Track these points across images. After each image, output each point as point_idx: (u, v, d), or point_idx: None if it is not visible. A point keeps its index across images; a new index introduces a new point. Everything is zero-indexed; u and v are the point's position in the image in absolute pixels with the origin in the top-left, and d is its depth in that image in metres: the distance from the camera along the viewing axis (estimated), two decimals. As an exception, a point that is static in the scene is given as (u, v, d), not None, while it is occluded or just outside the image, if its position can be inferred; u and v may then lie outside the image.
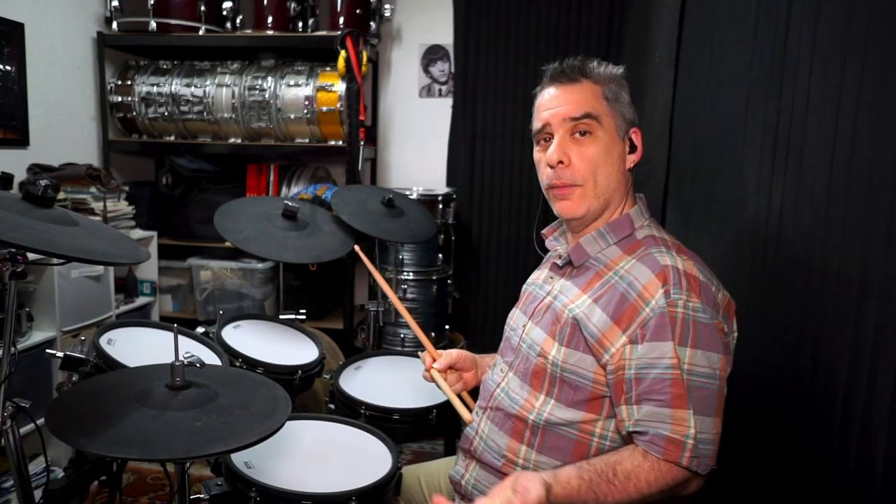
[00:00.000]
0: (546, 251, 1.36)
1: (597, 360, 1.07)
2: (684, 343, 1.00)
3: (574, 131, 1.15)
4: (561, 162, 1.14)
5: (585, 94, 1.15)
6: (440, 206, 3.06)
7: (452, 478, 1.27)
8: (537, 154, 1.21)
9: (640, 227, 1.17)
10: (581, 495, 0.98)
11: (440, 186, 3.45)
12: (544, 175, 1.19)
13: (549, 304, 1.20)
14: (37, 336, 2.30)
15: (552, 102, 1.17)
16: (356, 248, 1.69)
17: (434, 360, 1.37)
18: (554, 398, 1.12)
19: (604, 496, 0.98)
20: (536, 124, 1.20)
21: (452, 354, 1.38)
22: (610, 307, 1.07)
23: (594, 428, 1.10)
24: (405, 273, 2.96)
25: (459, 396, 1.36)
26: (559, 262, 1.23)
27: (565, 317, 1.13)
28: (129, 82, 3.15)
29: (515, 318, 1.30)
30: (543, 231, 1.35)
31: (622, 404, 1.04)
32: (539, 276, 1.32)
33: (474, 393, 1.38)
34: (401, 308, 1.55)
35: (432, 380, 1.36)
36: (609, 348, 1.05)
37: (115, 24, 3.07)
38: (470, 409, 1.32)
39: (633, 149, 1.19)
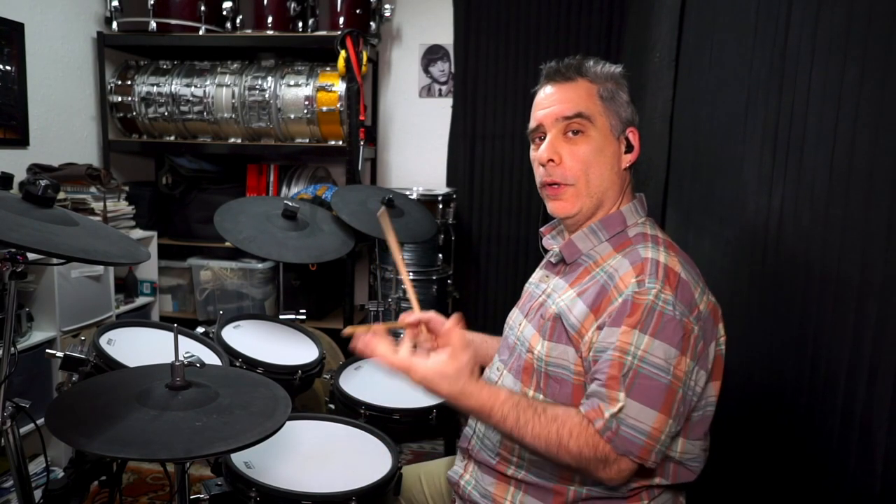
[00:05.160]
0: (547, 250, 1.36)
1: (577, 352, 1.08)
2: (644, 330, 1.00)
3: (566, 130, 1.15)
4: (552, 160, 1.15)
5: (579, 93, 1.15)
6: (440, 206, 3.06)
7: (451, 478, 1.27)
8: (532, 153, 1.22)
9: (632, 225, 1.17)
10: (500, 404, 1.01)
11: (440, 186, 3.45)
12: (538, 173, 1.20)
13: (542, 302, 1.21)
14: (37, 336, 2.30)
15: (546, 101, 1.18)
16: (383, 209, 1.53)
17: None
18: (542, 393, 1.13)
19: (525, 422, 1.00)
20: (531, 123, 1.21)
21: (428, 314, 1.23)
22: (590, 299, 1.09)
23: None
24: (405, 273, 2.96)
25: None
26: (553, 259, 1.25)
27: (550, 312, 1.14)
28: (129, 82, 3.14)
29: (514, 317, 1.31)
30: (542, 229, 1.35)
31: (588, 382, 1.06)
32: (538, 274, 1.33)
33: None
34: (401, 265, 1.34)
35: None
36: (585, 336, 1.07)
37: (115, 24, 3.07)
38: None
39: (629, 148, 1.18)
